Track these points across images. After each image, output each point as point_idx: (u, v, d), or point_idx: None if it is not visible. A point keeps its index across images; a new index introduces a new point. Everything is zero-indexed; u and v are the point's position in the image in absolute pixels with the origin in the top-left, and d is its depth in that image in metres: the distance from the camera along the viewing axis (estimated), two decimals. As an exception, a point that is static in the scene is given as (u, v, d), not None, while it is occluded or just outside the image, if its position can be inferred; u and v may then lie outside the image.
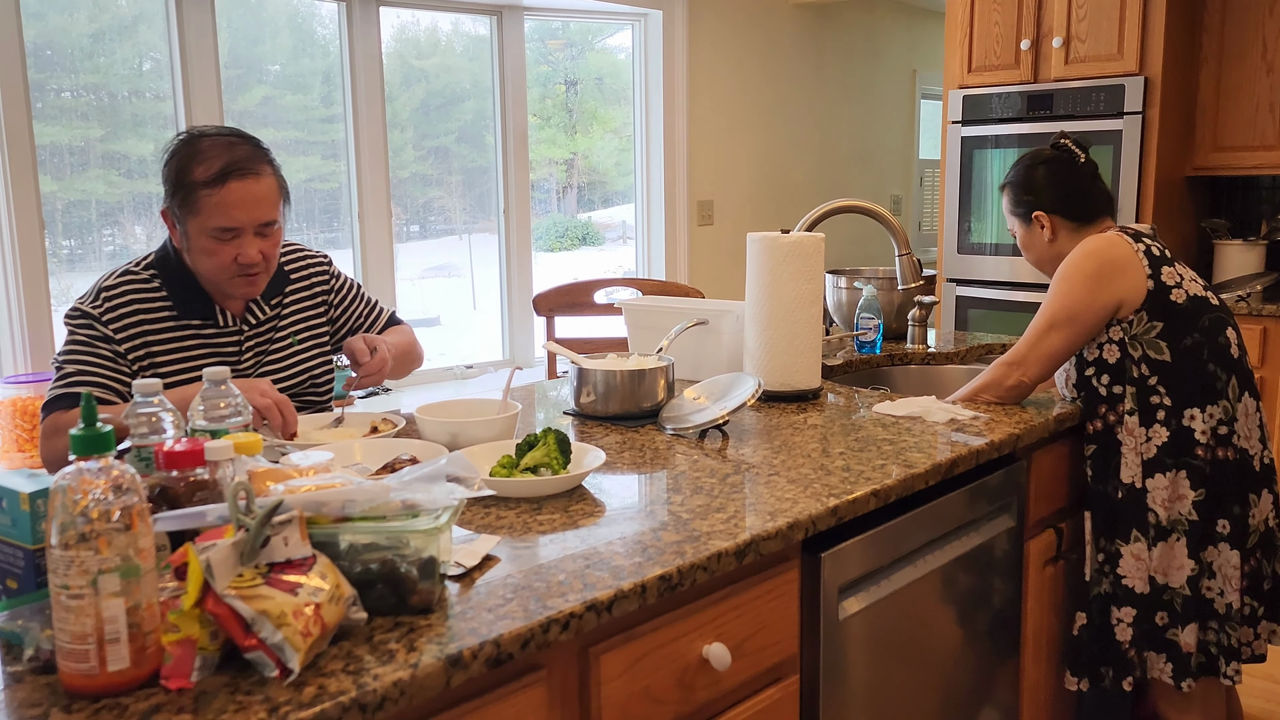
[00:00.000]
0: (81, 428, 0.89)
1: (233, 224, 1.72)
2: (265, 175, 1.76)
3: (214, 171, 1.70)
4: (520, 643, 1.04)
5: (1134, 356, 1.89)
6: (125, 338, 1.77)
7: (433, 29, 4.12)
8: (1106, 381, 1.92)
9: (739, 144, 4.75)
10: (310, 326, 1.99)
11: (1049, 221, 2.02)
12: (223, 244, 1.73)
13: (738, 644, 1.31)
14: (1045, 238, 2.03)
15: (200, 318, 1.82)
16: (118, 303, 1.78)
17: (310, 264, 2.02)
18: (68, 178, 3.15)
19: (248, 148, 1.76)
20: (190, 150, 1.73)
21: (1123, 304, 1.89)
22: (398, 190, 3.97)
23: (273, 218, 1.77)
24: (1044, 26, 3.62)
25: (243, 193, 1.71)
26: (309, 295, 2.00)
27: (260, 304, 1.90)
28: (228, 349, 1.85)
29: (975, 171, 3.85)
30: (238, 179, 1.71)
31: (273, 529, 0.97)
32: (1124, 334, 1.89)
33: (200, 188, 1.70)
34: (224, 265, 1.75)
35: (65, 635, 0.88)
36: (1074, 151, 2.05)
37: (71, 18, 3.14)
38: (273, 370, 1.91)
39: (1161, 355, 1.87)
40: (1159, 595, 1.88)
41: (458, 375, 3.87)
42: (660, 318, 2.23)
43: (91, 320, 1.77)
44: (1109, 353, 1.91)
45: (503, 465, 1.49)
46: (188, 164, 1.72)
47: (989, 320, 3.85)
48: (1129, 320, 1.89)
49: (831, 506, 1.41)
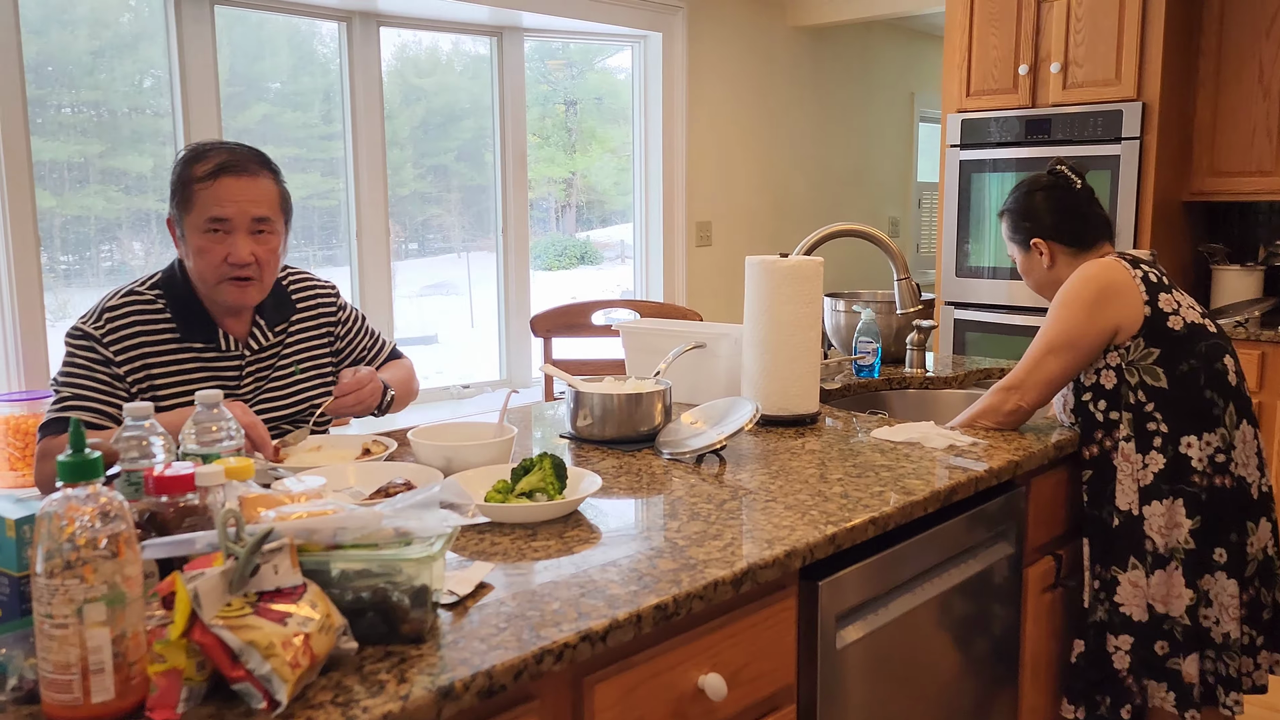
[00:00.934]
0: (69, 454, 0.87)
1: (224, 214, 1.72)
2: (262, 177, 1.78)
3: (211, 166, 1.74)
4: (513, 673, 1.02)
5: (1130, 383, 1.88)
6: (125, 360, 1.75)
7: (433, 48, 4.13)
8: (1103, 407, 1.91)
9: (737, 165, 4.76)
10: (313, 355, 1.97)
11: (1047, 248, 2.02)
12: (214, 240, 1.73)
13: (734, 673, 1.29)
14: (1044, 264, 2.04)
15: (202, 340, 1.81)
16: (120, 324, 1.76)
17: (318, 293, 2.01)
18: (66, 193, 3.14)
19: (249, 151, 1.80)
20: (194, 153, 1.78)
21: (1120, 329, 1.88)
22: (397, 208, 3.97)
23: (266, 215, 1.77)
24: (1042, 51, 3.64)
25: (236, 187, 1.73)
26: (314, 324, 1.98)
27: (263, 329, 1.88)
28: (228, 373, 1.84)
29: (973, 195, 3.86)
30: (232, 175, 1.74)
31: (262, 557, 0.96)
32: (1121, 360, 1.89)
33: (195, 182, 1.73)
34: (215, 264, 1.74)
35: (48, 665, 0.87)
36: (1070, 178, 2.05)
37: (73, 34, 3.15)
38: (272, 397, 1.89)
39: (1158, 382, 1.87)
40: (1158, 624, 1.87)
41: (454, 395, 3.86)
42: (658, 340, 2.22)
43: (92, 341, 1.75)
44: (1106, 378, 1.91)
45: (498, 490, 1.47)
46: (189, 165, 1.76)
47: (987, 343, 3.84)
48: (1126, 346, 1.88)
49: (830, 535, 1.40)
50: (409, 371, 2.10)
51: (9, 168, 2.80)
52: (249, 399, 1.85)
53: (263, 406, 1.87)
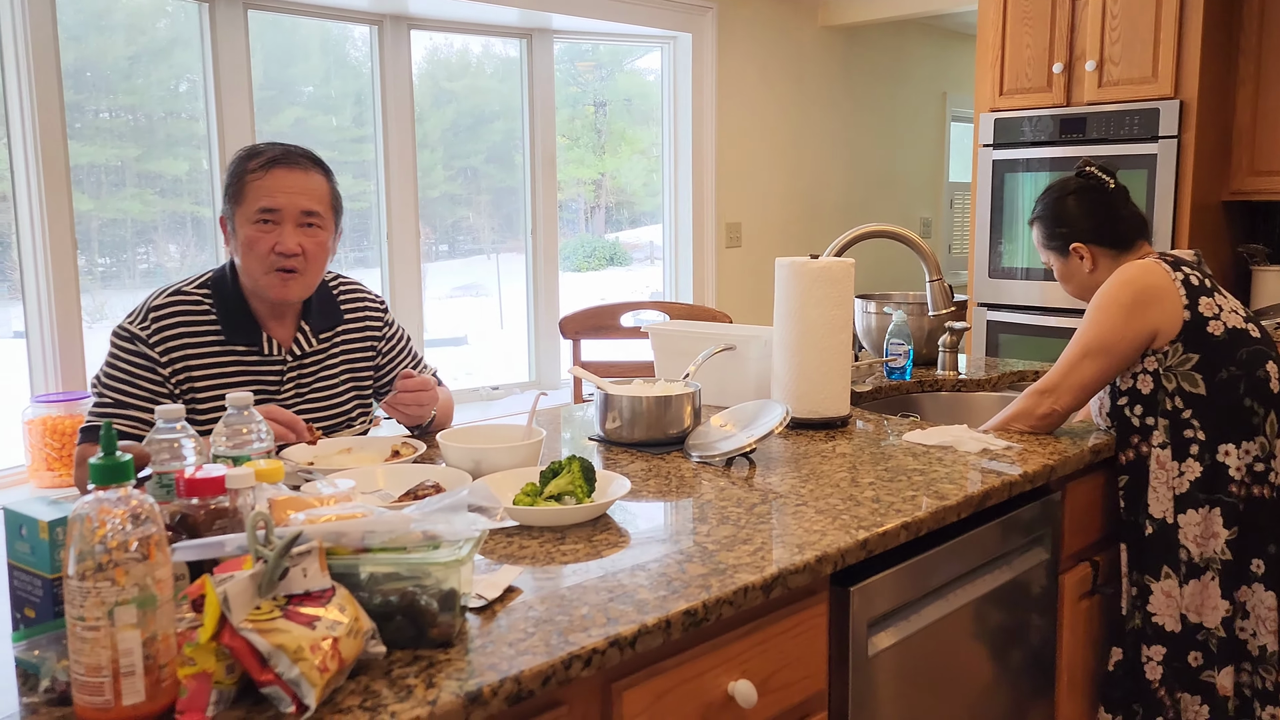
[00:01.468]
0: (100, 457, 0.88)
1: (274, 204, 1.75)
2: (314, 173, 1.81)
3: (264, 160, 1.78)
4: (541, 679, 1.02)
5: (1168, 389, 1.84)
6: (170, 361, 1.76)
7: (464, 51, 4.15)
8: (1139, 412, 1.88)
9: (767, 166, 4.74)
10: (355, 367, 1.97)
11: (1088, 251, 1.97)
12: (263, 232, 1.75)
13: (764, 680, 1.28)
14: (1085, 268, 1.99)
15: (245, 344, 1.81)
16: (165, 324, 1.77)
17: (367, 305, 2.01)
18: (104, 196, 3.18)
19: (304, 151, 1.84)
20: (249, 152, 1.81)
21: (1158, 334, 1.84)
22: (427, 210, 3.99)
23: (315, 209, 1.79)
24: (1077, 49, 3.59)
25: (288, 179, 1.77)
26: (359, 335, 1.98)
27: (308, 336, 1.88)
28: (269, 378, 1.84)
29: (1006, 195, 3.81)
30: (284, 167, 1.78)
31: (291, 560, 0.96)
32: (1159, 365, 1.85)
33: (248, 174, 1.77)
34: (263, 255, 1.75)
35: (80, 667, 0.87)
36: (1101, 178, 2.00)
37: (110, 40, 3.19)
38: (311, 405, 1.89)
39: (1196, 388, 1.83)
40: (1192, 635, 1.83)
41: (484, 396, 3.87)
42: (687, 343, 2.21)
43: (138, 343, 1.76)
44: (1143, 383, 1.87)
45: (526, 493, 1.47)
46: (244, 161, 1.79)
47: (1021, 345, 3.79)
48: (1164, 351, 1.84)
49: (861, 539, 1.38)
50: (449, 401, 2.10)
51: (47, 172, 2.83)
52: (288, 406, 1.85)
53: (300, 414, 1.87)
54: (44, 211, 2.84)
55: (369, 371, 2.00)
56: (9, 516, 0.98)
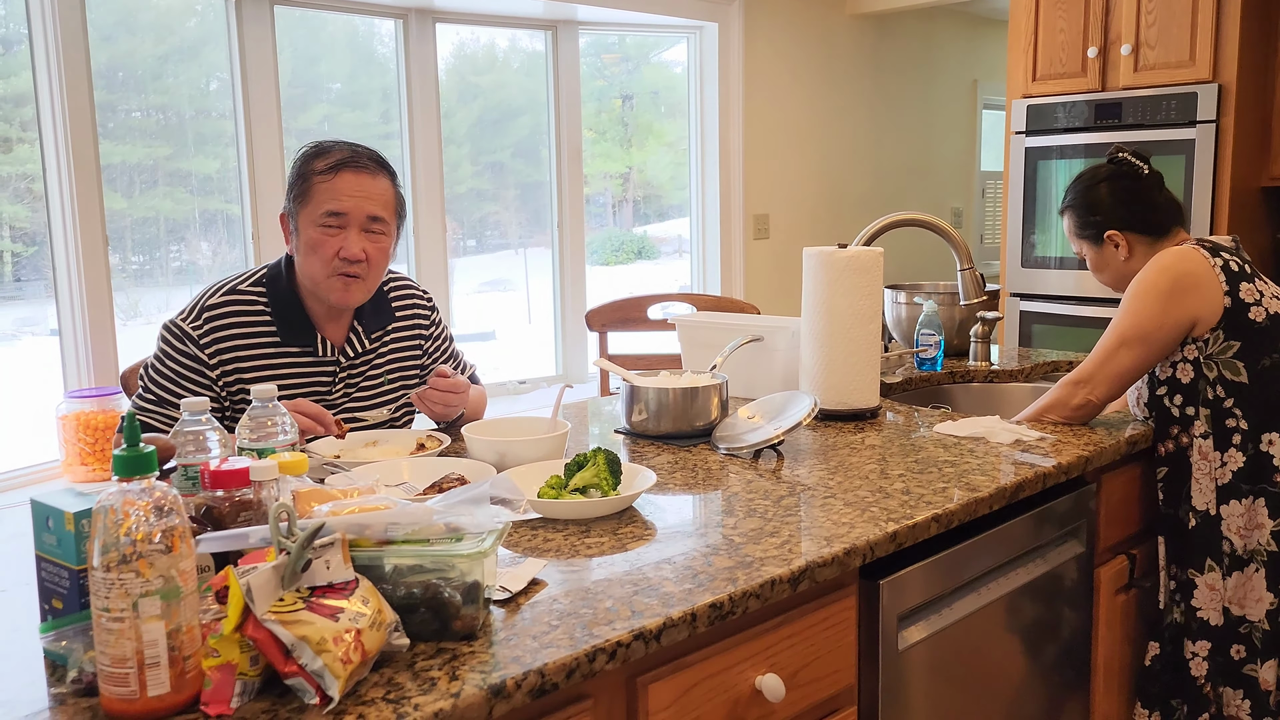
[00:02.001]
0: (124, 448, 0.88)
1: (340, 209, 1.74)
2: (381, 177, 1.80)
3: (332, 162, 1.76)
4: (565, 672, 1.01)
5: (1209, 377, 1.80)
6: (219, 361, 1.76)
7: (490, 46, 4.15)
8: (1179, 402, 1.84)
9: (796, 157, 4.70)
10: (403, 365, 1.97)
11: (1124, 239, 1.93)
12: (328, 235, 1.74)
13: (792, 674, 1.26)
14: (1120, 257, 1.94)
15: (300, 345, 1.81)
16: (218, 324, 1.77)
17: (416, 301, 2.01)
18: (136, 195, 3.21)
19: (371, 153, 1.82)
20: (315, 150, 1.80)
21: (1197, 322, 1.80)
22: (454, 205, 3.99)
23: (381, 215, 1.78)
24: (1112, 33, 3.52)
25: (355, 183, 1.76)
26: (408, 334, 1.98)
27: (361, 336, 1.88)
28: (321, 380, 1.84)
29: (1040, 183, 3.75)
30: (352, 170, 1.76)
31: (314, 552, 0.95)
32: (1199, 353, 1.81)
33: (315, 175, 1.76)
34: (326, 259, 1.75)
35: (106, 658, 0.87)
36: (1135, 164, 1.96)
37: (140, 40, 3.22)
38: (358, 403, 1.89)
39: (1238, 376, 1.79)
40: (1234, 628, 1.79)
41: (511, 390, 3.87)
42: (714, 334, 2.19)
43: (188, 342, 1.75)
44: (1182, 372, 1.83)
45: (551, 485, 1.46)
46: (310, 160, 1.78)
47: (1055, 336, 3.74)
48: (1204, 339, 1.80)
49: (890, 532, 1.36)
50: (482, 398, 2.09)
51: (79, 172, 2.87)
52: (337, 406, 1.86)
53: (349, 414, 1.87)
54: (76, 210, 2.87)
55: (416, 369, 2.00)
56: (36, 508, 0.99)
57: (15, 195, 2.93)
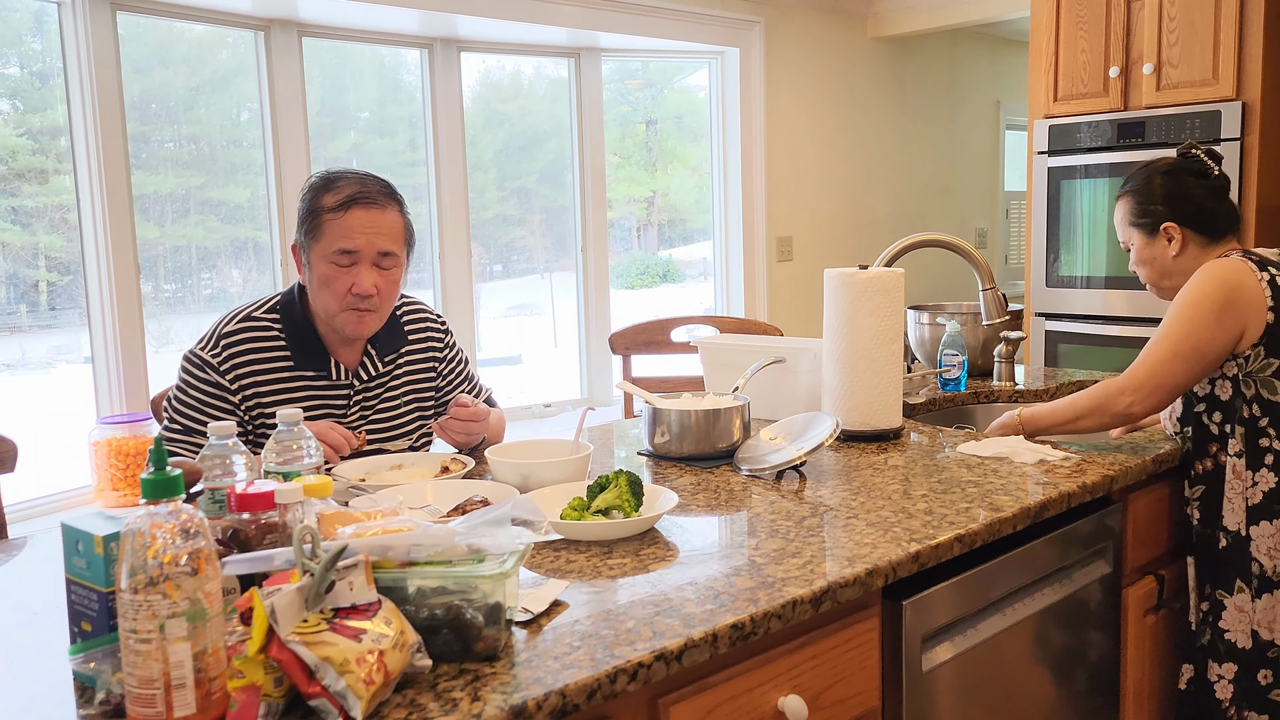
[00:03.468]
0: (150, 472, 0.90)
1: (352, 246, 1.75)
2: (391, 210, 1.81)
3: (342, 198, 1.77)
4: (586, 693, 1.01)
5: (1246, 395, 1.78)
6: (240, 387, 1.79)
7: (515, 73, 4.20)
8: (1218, 420, 1.81)
9: (818, 179, 4.71)
10: (418, 387, 1.99)
11: (1180, 234, 1.87)
12: (340, 270, 1.76)
13: (815, 696, 1.26)
14: (1171, 252, 1.89)
15: (314, 369, 1.84)
16: (236, 350, 1.80)
17: (429, 327, 2.03)
18: (169, 224, 3.27)
19: (379, 184, 1.83)
20: (324, 182, 1.81)
21: (1244, 336, 1.77)
22: (481, 230, 4.03)
23: (392, 250, 1.80)
24: (1133, 53, 3.51)
25: (366, 219, 1.77)
26: (422, 356, 2.00)
27: (374, 360, 1.91)
28: (336, 403, 1.87)
29: (1063, 203, 3.74)
30: (363, 206, 1.77)
31: (338, 574, 0.97)
32: (1239, 370, 1.78)
33: (326, 212, 1.77)
34: (339, 295, 1.77)
35: (133, 680, 0.89)
36: (1206, 162, 1.91)
37: (173, 72, 3.29)
38: (375, 427, 1.91)
39: (1275, 395, 1.76)
40: (1263, 652, 1.76)
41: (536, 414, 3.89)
42: (736, 356, 2.20)
43: (210, 371, 1.79)
44: (1221, 389, 1.81)
45: (574, 507, 1.47)
46: (319, 194, 1.79)
47: (1081, 355, 3.71)
48: (1245, 355, 1.77)
49: (913, 552, 1.35)
50: (500, 422, 2.11)
51: (111, 201, 2.93)
52: (354, 428, 1.88)
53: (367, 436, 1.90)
54: (109, 239, 2.93)
55: (431, 392, 2.02)
56: (66, 532, 1.01)
57: (51, 225, 3.00)
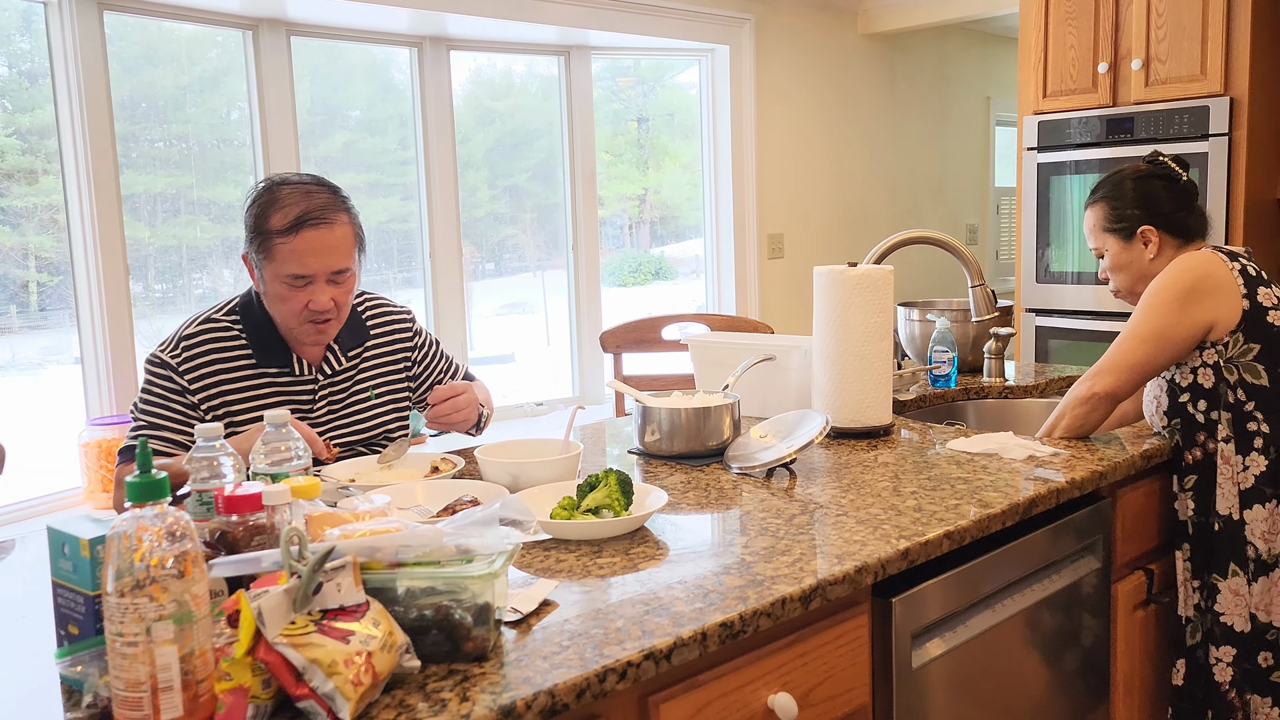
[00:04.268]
0: (136, 475, 0.89)
1: (305, 271, 1.74)
2: (340, 224, 1.77)
3: (290, 220, 1.73)
4: (576, 692, 1.01)
5: (1229, 381, 1.80)
6: (200, 388, 1.79)
7: (507, 71, 4.19)
8: (1204, 408, 1.83)
9: (809, 176, 4.71)
10: (389, 381, 1.99)
11: (1157, 237, 1.91)
12: (295, 290, 1.76)
13: (805, 693, 1.26)
14: (1147, 256, 1.92)
15: (278, 366, 1.84)
16: (196, 351, 1.80)
17: (394, 319, 2.03)
18: (160, 224, 3.26)
19: (326, 195, 1.78)
20: (270, 198, 1.76)
21: (1215, 325, 1.80)
22: (473, 229, 4.03)
23: (345, 266, 1.78)
24: (1122, 49, 3.52)
25: (316, 241, 1.73)
26: (390, 350, 2.00)
27: (338, 354, 1.91)
28: (302, 398, 1.87)
29: (1053, 198, 3.75)
30: (312, 228, 1.73)
31: (325, 575, 0.97)
32: (1219, 357, 1.80)
33: (276, 235, 1.73)
34: (296, 311, 1.77)
35: (120, 683, 0.89)
36: (1173, 168, 1.96)
37: (162, 72, 3.27)
38: (346, 421, 1.92)
39: (1259, 380, 1.78)
40: (1261, 634, 1.78)
41: (528, 412, 3.89)
42: (727, 354, 2.20)
43: (169, 371, 1.80)
44: (1204, 377, 1.82)
45: (564, 506, 1.47)
46: (266, 211, 1.75)
47: (1071, 351, 3.72)
48: (1224, 342, 1.80)
49: (902, 549, 1.36)
50: (486, 395, 2.11)
51: (100, 202, 2.91)
52: (323, 423, 1.89)
53: (337, 431, 1.90)
54: (98, 240, 2.92)
55: (405, 384, 2.02)
56: (52, 535, 1.01)
57: (41, 226, 2.99)
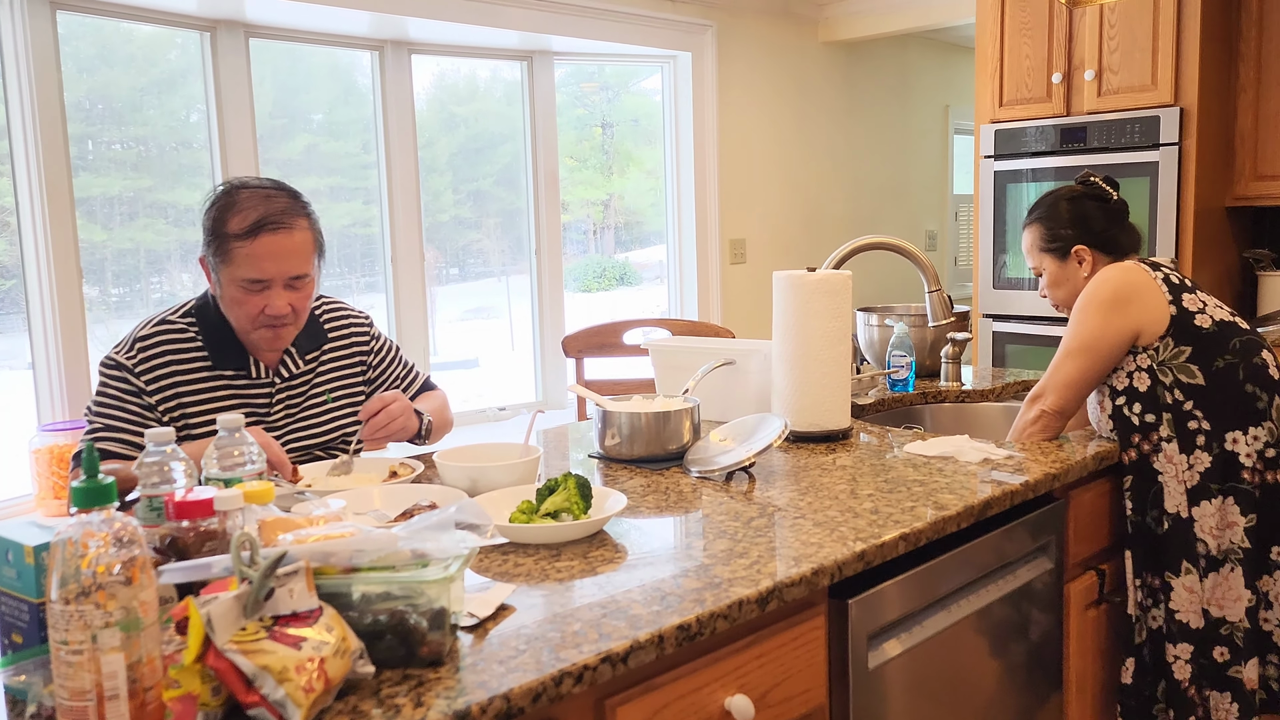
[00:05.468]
0: (83, 480, 0.88)
1: (262, 275, 1.73)
2: (299, 229, 1.76)
3: (248, 224, 1.71)
4: (531, 696, 1.01)
5: (1165, 383, 1.84)
6: (156, 389, 1.77)
7: (471, 76, 4.18)
8: (1138, 410, 1.87)
9: (771, 182, 4.74)
10: (346, 385, 1.98)
11: (1090, 256, 1.99)
12: (252, 295, 1.74)
13: (762, 695, 1.27)
14: (1083, 273, 2.00)
15: (234, 368, 1.82)
16: (151, 353, 1.78)
17: (351, 323, 2.02)
18: (116, 227, 3.21)
19: (284, 200, 1.77)
20: (228, 201, 1.75)
21: (1141, 332, 1.86)
22: (437, 233, 4.00)
23: (304, 271, 1.77)
24: (1075, 59, 3.58)
25: (274, 246, 1.72)
26: (346, 354, 1.99)
27: (295, 358, 1.89)
28: (259, 401, 1.85)
29: (1009, 206, 3.80)
30: (269, 232, 1.72)
31: (278, 581, 0.96)
32: (1151, 361, 1.85)
33: (233, 239, 1.72)
34: (252, 315, 1.76)
35: (65, 692, 0.87)
36: (1104, 189, 2.03)
37: (120, 73, 3.23)
38: (303, 425, 1.90)
39: (1194, 379, 1.83)
40: (1215, 629, 1.81)
41: (491, 417, 3.87)
42: (687, 358, 2.21)
43: (124, 372, 1.78)
44: (1139, 380, 1.87)
45: (523, 510, 1.46)
46: (224, 214, 1.74)
47: (1027, 356, 3.77)
48: (1154, 347, 1.85)
49: (858, 551, 1.37)
50: (443, 402, 2.10)
51: (52, 203, 2.86)
52: (280, 426, 1.87)
53: (294, 435, 1.88)
54: (49, 242, 2.86)
55: (361, 387, 2.01)
56: (-3, 542, 0.99)
57: (-11, 229, 2.93)
